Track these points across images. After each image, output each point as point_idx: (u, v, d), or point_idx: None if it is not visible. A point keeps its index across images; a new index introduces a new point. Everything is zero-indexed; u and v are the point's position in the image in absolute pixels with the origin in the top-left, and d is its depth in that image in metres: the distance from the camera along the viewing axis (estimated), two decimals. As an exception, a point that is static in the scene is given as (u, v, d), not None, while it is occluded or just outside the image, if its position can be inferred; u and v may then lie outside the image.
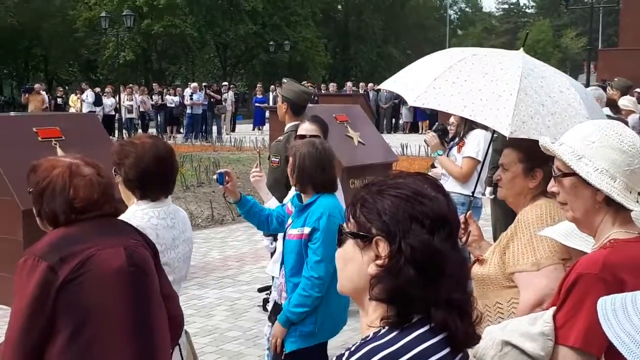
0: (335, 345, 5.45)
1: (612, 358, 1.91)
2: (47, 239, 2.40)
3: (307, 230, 3.70)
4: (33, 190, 2.50)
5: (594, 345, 1.92)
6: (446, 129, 6.14)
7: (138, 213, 3.02)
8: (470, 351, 1.59)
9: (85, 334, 2.33)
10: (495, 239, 3.75)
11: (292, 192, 4.24)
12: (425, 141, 6.12)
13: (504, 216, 5.25)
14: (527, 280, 2.79)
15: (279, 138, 5.81)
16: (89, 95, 26.17)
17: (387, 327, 1.46)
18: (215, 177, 4.15)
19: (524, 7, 75.23)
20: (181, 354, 2.94)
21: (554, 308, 2.01)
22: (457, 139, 5.97)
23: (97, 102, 25.98)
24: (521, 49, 3.48)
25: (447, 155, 5.91)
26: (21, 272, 2.32)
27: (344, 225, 1.57)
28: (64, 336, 2.30)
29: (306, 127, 4.87)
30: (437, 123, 6.27)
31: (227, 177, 4.06)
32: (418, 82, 3.35)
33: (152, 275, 2.55)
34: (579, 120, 3.05)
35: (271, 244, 5.50)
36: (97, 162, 2.59)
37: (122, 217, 2.77)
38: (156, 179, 3.05)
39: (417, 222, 1.46)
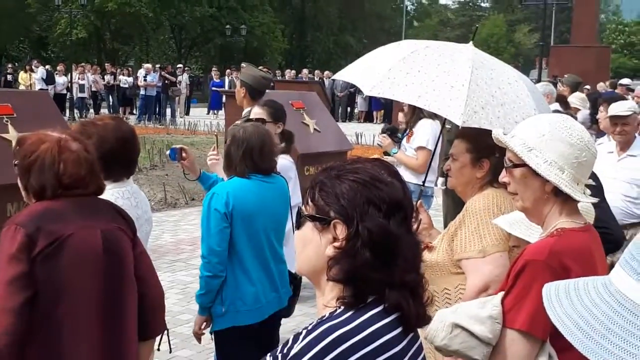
0: (286, 329, 5.51)
1: (556, 341, 2.00)
2: (29, 210, 2.43)
3: None
4: (19, 163, 2.51)
5: (540, 329, 2.00)
6: (395, 127, 6.22)
7: (105, 194, 3.02)
8: (421, 332, 1.65)
9: (58, 311, 2.35)
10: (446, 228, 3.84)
11: None
12: (378, 144, 6.19)
13: (455, 206, 5.34)
14: (473, 266, 2.88)
15: (236, 122, 5.80)
16: (40, 72, 25.62)
17: (342, 307, 1.51)
18: (167, 152, 4.16)
19: (480, 1, 75.98)
20: (168, 337, 2.94)
21: (502, 293, 2.09)
22: (407, 130, 6.07)
23: (49, 80, 25.40)
24: (471, 42, 3.56)
25: (399, 148, 6.00)
26: (4, 239, 2.34)
27: (303, 207, 1.61)
28: (39, 310, 2.31)
29: (255, 111, 4.92)
30: (384, 124, 6.39)
31: (183, 154, 4.07)
32: (373, 72, 3.41)
33: (128, 260, 2.58)
34: (527, 112, 3.16)
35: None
36: (83, 137, 2.59)
37: None
38: (120, 160, 3.07)
39: (374, 206, 1.51)
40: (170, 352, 3.08)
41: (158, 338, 2.91)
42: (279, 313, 4.03)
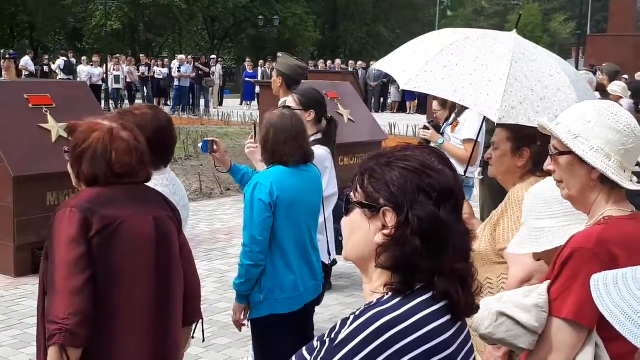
0: (323, 319, 5.54)
1: (603, 331, 1.99)
2: (83, 194, 2.48)
3: None
4: (71, 151, 2.55)
5: (586, 318, 1.99)
6: (437, 124, 6.15)
7: None
8: (467, 321, 1.65)
9: (112, 293, 2.40)
10: (483, 219, 3.81)
11: None
12: (422, 140, 6.06)
13: (492, 197, 5.32)
14: (516, 256, 2.86)
15: (273, 111, 5.83)
16: (58, 62, 25.61)
17: (390, 294, 1.50)
18: (200, 145, 4.19)
19: (514, -10, 75.04)
20: (202, 326, 2.99)
21: (548, 281, 2.08)
22: (450, 119, 6.00)
23: (68, 70, 25.17)
24: (514, 30, 3.51)
25: (441, 134, 5.93)
26: (60, 222, 2.38)
27: (351, 194, 1.62)
28: (94, 291, 2.36)
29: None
30: (425, 121, 6.29)
31: (215, 146, 4.10)
32: (410, 64, 3.38)
33: (175, 246, 2.63)
34: (568, 105, 3.10)
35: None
36: (132, 126, 2.63)
37: None
38: (158, 148, 3.10)
39: (424, 194, 1.50)
40: (204, 340, 3.12)
41: (194, 326, 2.94)
42: (315, 301, 4.05)
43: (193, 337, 2.95)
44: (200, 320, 2.88)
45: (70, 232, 2.34)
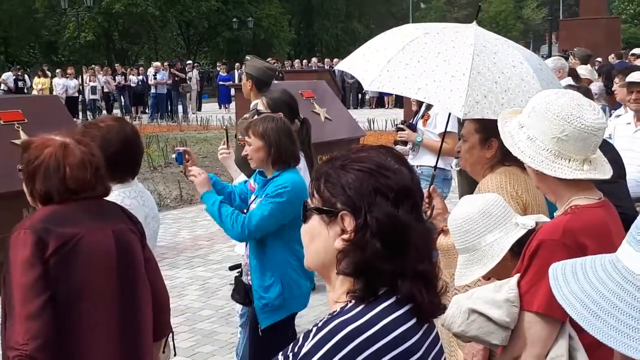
0: (307, 320, 5.50)
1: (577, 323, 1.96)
2: (39, 214, 2.41)
3: None
4: (24, 168, 2.49)
5: (558, 310, 1.95)
6: (410, 123, 6.12)
7: (111, 195, 3.01)
8: (437, 319, 1.62)
9: (75, 311, 2.35)
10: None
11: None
12: (395, 143, 6.02)
13: (469, 187, 5.30)
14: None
15: (245, 115, 5.79)
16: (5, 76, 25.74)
17: (353, 301, 1.47)
18: (174, 156, 4.13)
19: (486, -21, 75.32)
20: (173, 340, 2.95)
21: (518, 275, 2.05)
22: (421, 112, 5.99)
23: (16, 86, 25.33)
24: (474, 22, 3.48)
25: (416, 131, 5.92)
26: (15, 245, 2.33)
27: (308, 200, 1.58)
28: (56, 311, 2.31)
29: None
30: (399, 122, 6.25)
31: (186, 156, 4.05)
32: (372, 64, 3.34)
33: (139, 259, 2.58)
34: (532, 95, 3.09)
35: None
36: (87, 140, 2.57)
37: None
38: (124, 161, 3.05)
39: (381, 195, 1.47)
40: (175, 355, 3.08)
41: (163, 341, 2.90)
42: None
43: (163, 352, 2.91)
44: (171, 334, 2.84)
45: (24, 255, 2.29)
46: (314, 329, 1.44)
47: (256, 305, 3.78)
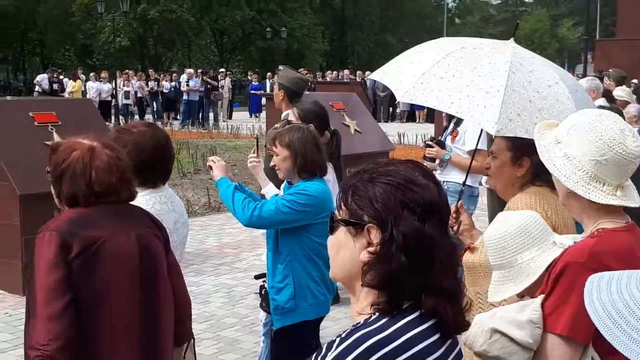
0: (332, 332, 5.50)
1: (600, 346, 1.95)
2: (64, 216, 2.44)
3: None
4: (52, 171, 2.52)
5: (581, 333, 1.95)
6: (439, 140, 6.09)
7: (141, 200, 3.04)
8: (460, 338, 1.62)
9: (96, 314, 2.38)
10: (488, 228, 3.77)
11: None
12: (424, 158, 5.99)
13: (499, 205, 5.26)
14: None
15: (276, 125, 5.82)
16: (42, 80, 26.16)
17: (377, 314, 1.48)
18: (208, 165, 4.17)
19: (522, -4, 75.10)
20: (194, 346, 2.96)
21: (542, 296, 2.04)
22: (449, 129, 5.97)
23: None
24: (511, 39, 3.46)
25: (444, 148, 5.90)
26: (40, 246, 2.36)
27: (336, 212, 1.59)
28: (78, 314, 2.33)
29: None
30: (428, 137, 6.22)
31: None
32: (407, 75, 3.33)
33: (162, 264, 2.59)
34: (566, 116, 3.07)
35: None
36: (115, 144, 2.60)
37: None
38: (155, 167, 3.09)
39: (408, 209, 1.48)
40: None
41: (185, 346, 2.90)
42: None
43: (184, 358, 2.92)
44: (192, 340, 2.85)
45: (48, 256, 2.31)
46: (337, 340, 1.45)
47: (270, 307, 3.87)
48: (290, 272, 3.78)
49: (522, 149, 2.98)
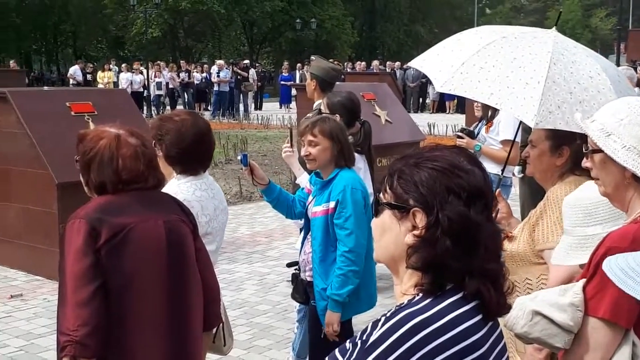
0: (364, 320, 5.52)
1: (641, 330, 1.96)
2: (93, 204, 2.48)
3: (332, 204, 3.71)
4: (80, 159, 2.56)
5: (623, 317, 1.96)
6: (470, 130, 6.08)
7: (183, 187, 3.09)
8: (501, 320, 1.64)
9: (125, 300, 2.40)
10: (523, 218, 3.75)
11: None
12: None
13: (532, 195, 5.25)
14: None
15: (307, 115, 5.86)
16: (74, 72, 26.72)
17: (421, 295, 1.50)
18: (239, 157, 4.19)
19: (554, -14, 74.06)
20: (223, 329, 2.99)
21: (584, 280, 2.06)
22: (484, 120, 5.95)
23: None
24: (554, 28, 3.41)
25: (475, 139, 5.89)
26: (69, 234, 2.39)
27: (381, 195, 1.62)
28: (106, 300, 2.36)
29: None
30: (459, 128, 6.19)
31: (251, 162, 4.08)
32: (446, 65, 3.29)
33: (190, 250, 2.61)
34: None
35: (300, 220, 5.57)
36: (141, 132, 2.64)
37: (167, 190, 2.83)
38: (197, 154, 3.14)
39: (454, 194, 1.50)
40: (225, 345, 3.10)
41: (214, 331, 2.91)
42: None
43: (214, 342, 2.94)
44: (221, 325, 2.86)
45: (77, 244, 2.35)
46: (383, 319, 1.48)
47: (318, 306, 3.78)
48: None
49: (562, 138, 2.97)
